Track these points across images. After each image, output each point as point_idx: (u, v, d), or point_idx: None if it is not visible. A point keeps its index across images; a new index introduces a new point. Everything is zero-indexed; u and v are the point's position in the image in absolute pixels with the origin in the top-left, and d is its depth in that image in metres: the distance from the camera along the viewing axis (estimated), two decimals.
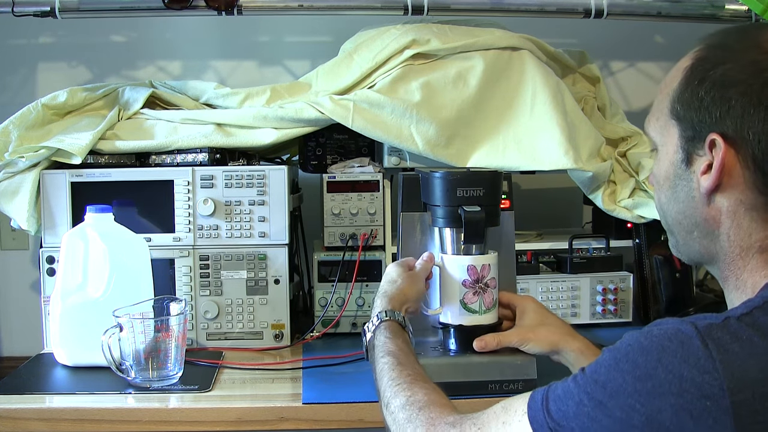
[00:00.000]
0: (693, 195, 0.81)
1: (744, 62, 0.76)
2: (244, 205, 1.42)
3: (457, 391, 1.15)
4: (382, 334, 1.05)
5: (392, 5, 1.58)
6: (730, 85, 0.76)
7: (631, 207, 1.50)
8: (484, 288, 1.17)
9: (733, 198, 0.78)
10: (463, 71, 1.50)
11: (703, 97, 0.78)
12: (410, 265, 1.19)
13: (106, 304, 1.24)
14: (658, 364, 0.68)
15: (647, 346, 0.70)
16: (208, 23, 1.85)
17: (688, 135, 0.80)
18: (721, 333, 0.68)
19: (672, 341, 0.69)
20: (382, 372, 0.98)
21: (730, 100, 0.76)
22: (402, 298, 1.12)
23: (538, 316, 1.19)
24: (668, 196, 0.86)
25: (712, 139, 0.77)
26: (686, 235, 0.85)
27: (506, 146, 1.48)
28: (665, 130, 0.84)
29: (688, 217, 0.83)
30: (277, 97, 1.55)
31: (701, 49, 0.81)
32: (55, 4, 1.51)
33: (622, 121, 1.67)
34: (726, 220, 0.80)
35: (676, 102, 0.82)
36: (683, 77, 0.81)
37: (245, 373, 1.30)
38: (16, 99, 1.78)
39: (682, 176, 0.82)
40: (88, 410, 1.13)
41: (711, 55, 0.80)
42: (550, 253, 1.62)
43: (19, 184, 1.40)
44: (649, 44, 1.98)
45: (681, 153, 0.82)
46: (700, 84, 0.79)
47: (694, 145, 0.80)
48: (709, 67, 0.79)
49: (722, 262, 0.82)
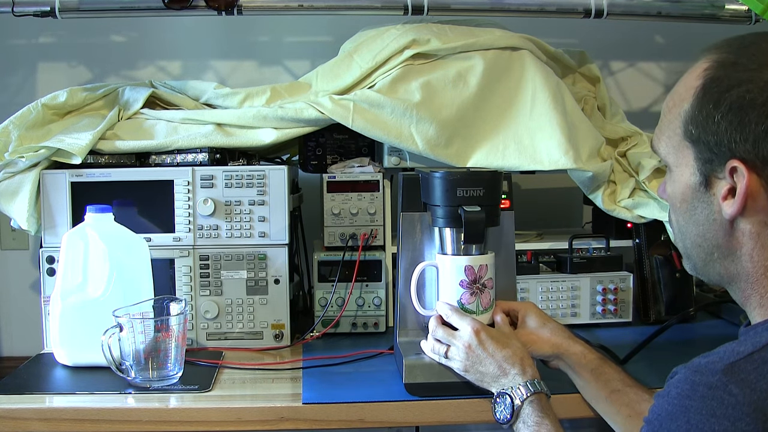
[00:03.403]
0: (714, 218, 0.80)
1: (761, 83, 0.75)
2: (244, 205, 1.42)
3: (457, 391, 1.15)
4: (534, 409, 1.02)
5: (392, 5, 1.58)
6: (748, 109, 0.74)
7: (631, 207, 1.50)
8: (482, 288, 1.17)
9: (756, 221, 0.77)
10: (463, 71, 1.50)
11: (720, 121, 0.76)
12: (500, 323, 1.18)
13: (106, 304, 1.24)
14: (689, 427, 0.67)
15: (672, 412, 0.69)
16: (208, 23, 1.85)
17: (706, 157, 0.79)
18: (747, 370, 0.66)
19: (693, 399, 0.67)
20: None
21: (750, 123, 0.74)
22: (530, 359, 1.10)
23: (540, 320, 1.19)
24: (686, 218, 0.84)
25: (734, 166, 0.76)
26: (706, 257, 0.84)
27: (506, 146, 1.48)
28: (679, 151, 0.82)
29: (708, 239, 0.82)
30: (277, 97, 1.55)
31: (712, 68, 0.79)
32: (55, 4, 1.51)
33: (622, 121, 1.67)
34: (748, 242, 0.79)
35: (689, 124, 0.80)
36: (695, 98, 0.79)
37: (245, 373, 1.30)
38: (16, 99, 1.79)
39: (701, 199, 0.81)
40: (88, 410, 1.13)
41: (724, 75, 0.78)
42: (550, 253, 1.62)
43: (19, 184, 1.40)
44: (649, 44, 1.98)
45: (699, 176, 0.80)
46: (716, 107, 0.77)
47: (713, 168, 0.78)
48: (724, 88, 0.77)
49: (744, 281, 0.81)
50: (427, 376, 1.16)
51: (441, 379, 1.16)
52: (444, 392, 1.15)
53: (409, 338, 1.25)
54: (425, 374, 1.16)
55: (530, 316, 1.20)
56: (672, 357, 1.29)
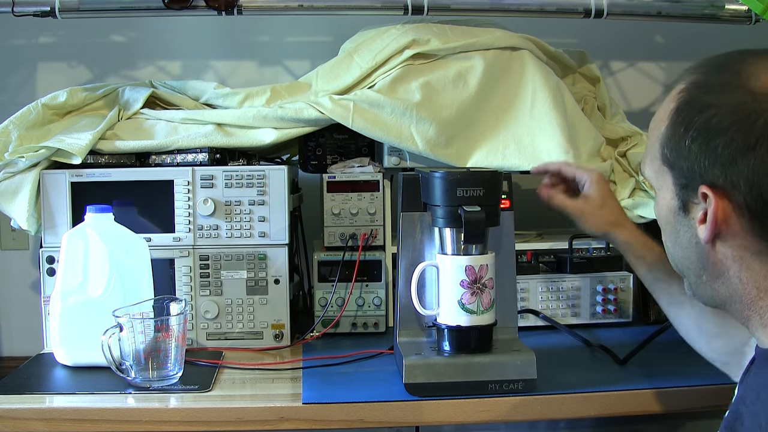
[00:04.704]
0: (695, 242, 0.79)
1: (728, 107, 0.73)
2: (244, 205, 1.42)
3: (457, 391, 1.15)
4: None
5: (392, 5, 1.58)
6: (715, 134, 0.73)
7: (631, 207, 1.50)
8: (482, 288, 1.17)
9: (735, 245, 0.76)
10: (463, 71, 1.50)
11: (690, 146, 0.75)
12: None
13: (106, 304, 1.24)
14: None
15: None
16: (208, 23, 1.85)
17: (682, 183, 0.78)
18: None
19: None
20: None
21: (716, 149, 0.73)
22: None
23: (602, 196, 1.23)
24: (672, 241, 0.84)
25: (703, 192, 0.75)
26: (696, 279, 0.83)
27: (506, 146, 1.48)
28: (659, 174, 0.82)
29: (694, 262, 0.81)
30: (277, 97, 1.55)
31: (685, 90, 0.78)
32: (55, 4, 1.51)
33: (622, 121, 1.67)
34: (733, 265, 0.77)
35: (665, 147, 0.79)
36: (670, 121, 0.79)
37: (245, 373, 1.29)
38: (16, 99, 1.78)
39: (682, 223, 0.80)
40: (88, 410, 1.13)
41: (695, 97, 0.76)
42: (550, 253, 1.62)
43: (19, 184, 1.40)
44: (649, 44, 1.98)
45: (677, 200, 0.80)
46: (686, 131, 0.76)
47: (688, 193, 0.78)
48: (694, 112, 0.75)
49: (739, 303, 0.79)
50: (427, 376, 1.16)
51: (441, 379, 1.16)
52: (444, 392, 1.15)
53: (409, 338, 1.25)
54: (425, 374, 1.16)
55: (596, 187, 1.23)
56: (672, 357, 1.29)
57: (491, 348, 1.20)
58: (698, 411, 1.20)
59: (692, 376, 1.20)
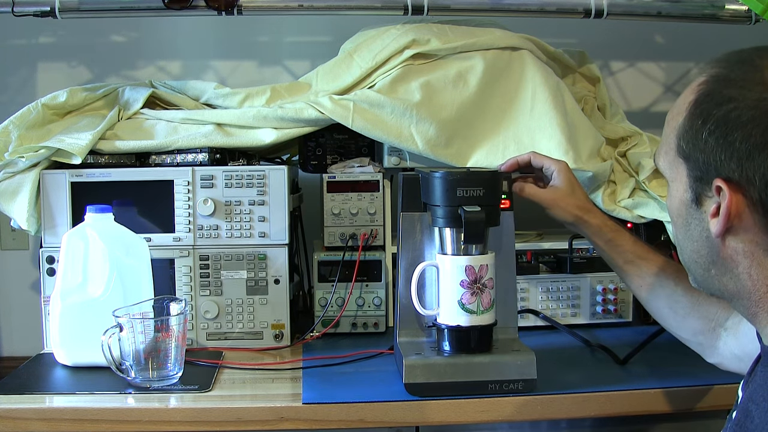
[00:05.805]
0: (706, 235, 0.79)
1: (748, 101, 0.73)
2: (244, 205, 1.42)
3: (457, 391, 1.15)
4: None
5: (392, 5, 1.58)
6: (733, 128, 0.73)
7: (631, 207, 1.50)
8: (482, 288, 1.17)
9: (747, 240, 0.76)
10: (463, 71, 1.50)
11: (707, 139, 0.75)
12: None
13: (106, 304, 1.24)
14: None
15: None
16: (208, 23, 1.85)
17: (696, 175, 0.78)
18: None
19: None
20: None
21: (734, 143, 0.73)
22: None
23: (570, 184, 1.26)
24: (683, 234, 0.84)
25: (718, 185, 0.75)
26: (704, 273, 0.83)
27: (506, 146, 1.48)
28: (674, 166, 0.82)
29: (703, 256, 0.81)
30: (277, 97, 1.55)
31: (705, 82, 0.78)
32: (55, 4, 1.51)
33: (622, 121, 1.66)
34: (743, 260, 0.77)
35: (681, 139, 0.79)
36: (688, 113, 0.78)
37: (245, 373, 1.30)
38: (16, 99, 1.78)
39: (694, 216, 0.80)
40: (88, 410, 1.13)
41: (715, 90, 0.76)
42: (550, 253, 1.62)
43: (19, 184, 1.40)
44: (649, 44, 1.98)
45: (690, 193, 0.80)
46: (704, 124, 0.76)
47: (702, 186, 0.78)
48: (713, 105, 0.75)
49: (747, 299, 0.79)
50: (427, 376, 1.16)
51: (441, 379, 1.16)
52: (444, 392, 1.15)
53: (409, 338, 1.25)
54: (425, 374, 1.16)
55: (562, 176, 1.26)
56: (672, 357, 1.30)
57: (491, 348, 1.20)
58: (698, 411, 1.20)
59: (692, 376, 1.21)
